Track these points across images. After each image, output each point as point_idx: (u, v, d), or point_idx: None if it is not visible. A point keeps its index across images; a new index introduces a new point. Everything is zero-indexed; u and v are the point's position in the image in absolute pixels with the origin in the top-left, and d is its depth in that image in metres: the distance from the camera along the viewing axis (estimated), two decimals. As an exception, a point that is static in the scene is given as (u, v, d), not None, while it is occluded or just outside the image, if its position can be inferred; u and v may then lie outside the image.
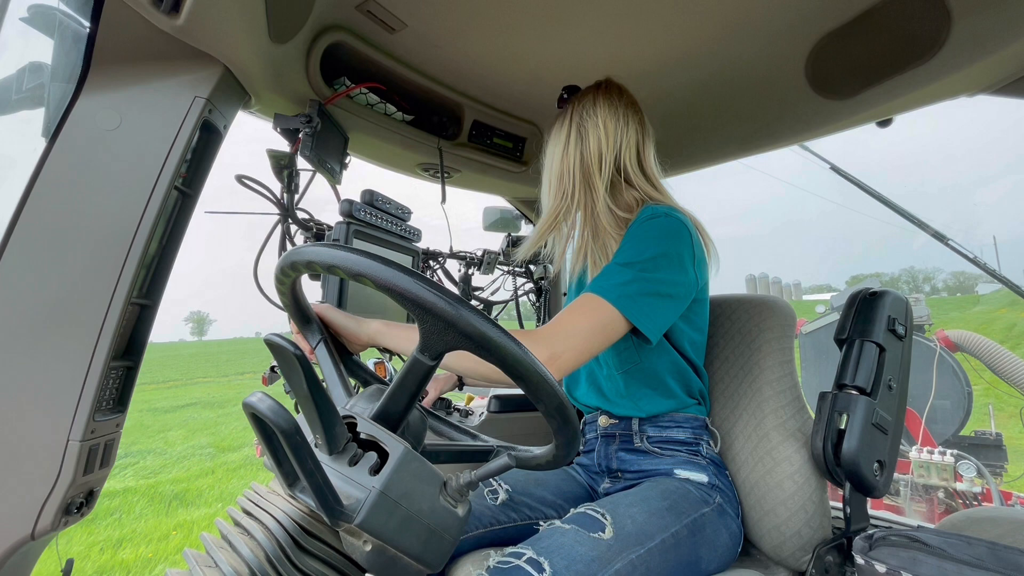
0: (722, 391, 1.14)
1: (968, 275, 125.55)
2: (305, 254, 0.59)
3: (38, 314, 0.67)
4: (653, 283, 0.88)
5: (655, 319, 0.88)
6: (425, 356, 0.56)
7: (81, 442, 0.66)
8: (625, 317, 0.85)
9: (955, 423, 3.80)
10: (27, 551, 0.67)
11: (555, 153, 1.05)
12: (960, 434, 3.79)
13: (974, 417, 3.96)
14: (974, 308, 28.05)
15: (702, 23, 1.11)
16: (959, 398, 3.81)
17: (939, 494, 3.13)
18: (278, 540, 0.78)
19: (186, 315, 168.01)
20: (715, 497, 0.97)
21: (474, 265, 1.68)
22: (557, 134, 1.06)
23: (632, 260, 0.90)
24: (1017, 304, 23.62)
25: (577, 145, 1.02)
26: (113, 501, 5.56)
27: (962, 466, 3.03)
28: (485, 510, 0.99)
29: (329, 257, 0.56)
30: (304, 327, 0.79)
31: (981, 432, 3.76)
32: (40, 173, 0.69)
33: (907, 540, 0.78)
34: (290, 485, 0.56)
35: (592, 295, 0.87)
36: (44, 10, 0.72)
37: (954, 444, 3.45)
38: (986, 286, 34.37)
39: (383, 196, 1.26)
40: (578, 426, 0.56)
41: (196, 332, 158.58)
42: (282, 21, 0.88)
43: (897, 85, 1.07)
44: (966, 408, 3.81)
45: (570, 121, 1.04)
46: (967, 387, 3.84)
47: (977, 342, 3.81)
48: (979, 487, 2.99)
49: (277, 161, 1.09)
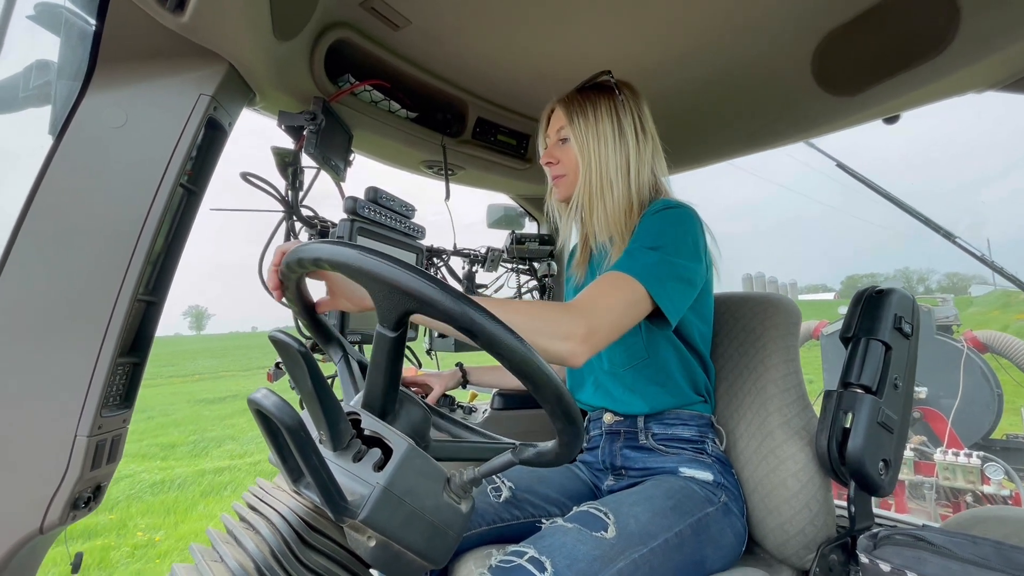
0: (726, 389, 1.13)
1: (961, 276, 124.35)
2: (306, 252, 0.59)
3: (45, 310, 0.68)
4: (676, 267, 0.89)
5: (676, 301, 0.89)
6: (385, 327, 0.55)
7: (89, 437, 0.67)
8: (651, 296, 0.86)
9: (985, 426, 3.69)
10: (36, 545, 0.68)
11: (599, 139, 1.03)
12: (990, 437, 3.70)
13: (1006, 419, 3.84)
14: (968, 309, 28.46)
15: (707, 19, 1.10)
16: (988, 400, 3.69)
17: (967, 498, 3.03)
18: (283, 535, 0.78)
19: (184, 309, 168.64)
20: (720, 496, 0.96)
21: (478, 262, 1.68)
22: (604, 120, 1.03)
23: (656, 244, 0.91)
24: (1009, 307, 24.42)
25: (618, 139, 1.02)
26: (223, 476, 5.82)
27: (989, 468, 2.96)
28: (488, 507, 0.99)
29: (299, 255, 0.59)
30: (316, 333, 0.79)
31: (1013, 436, 3.67)
32: (47, 170, 0.70)
33: (912, 539, 0.78)
34: (295, 481, 0.56)
35: (620, 273, 0.88)
36: (50, 8, 0.73)
37: (984, 447, 3.36)
38: (979, 288, 34.25)
39: (387, 193, 1.26)
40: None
41: (195, 326, 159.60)
42: (286, 18, 0.88)
43: (905, 81, 1.06)
44: (996, 411, 3.69)
45: (618, 115, 1.03)
46: (997, 389, 3.72)
47: (1007, 342, 3.70)
48: (1008, 490, 2.91)
49: (282, 158, 1.09)
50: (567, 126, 1.05)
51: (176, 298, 15.14)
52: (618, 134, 1.02)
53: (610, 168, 1.01)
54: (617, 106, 1.03)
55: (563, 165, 1.08)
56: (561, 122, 1.07)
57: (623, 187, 1.02)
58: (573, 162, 1.05)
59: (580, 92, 1.07)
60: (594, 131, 1.02)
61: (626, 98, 1.05)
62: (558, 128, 1.08)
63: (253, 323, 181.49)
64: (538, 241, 1.73)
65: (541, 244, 1.73)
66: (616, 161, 1.02)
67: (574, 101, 1.05)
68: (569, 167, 1.07)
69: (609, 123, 1.02)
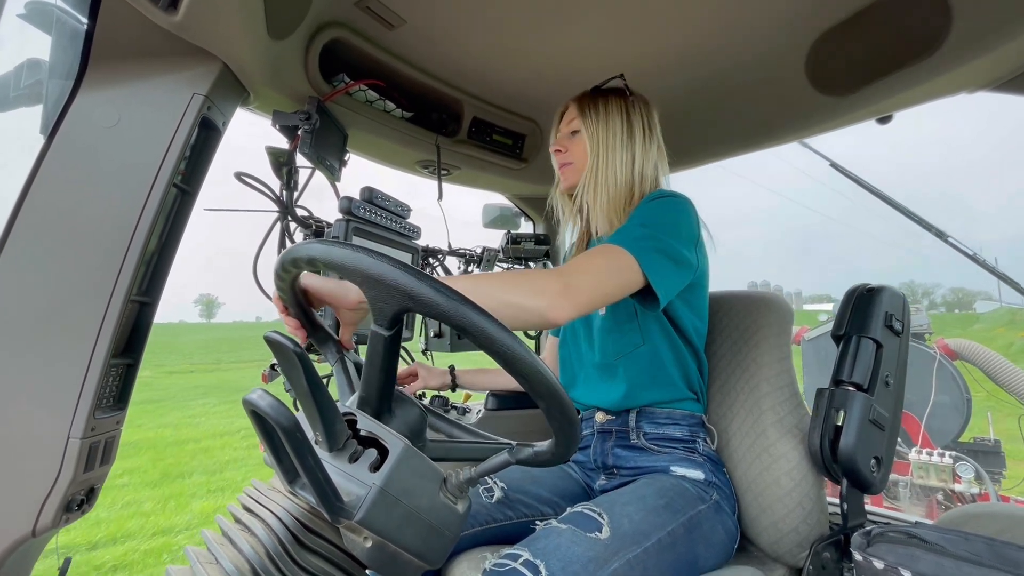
0: (719, 387, 1.14)
1: (966, 292, 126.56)
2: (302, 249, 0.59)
3: (38, 312, 0.67)
4: (667, 244, 0.90)
5: (666, 278, 0.89)
6: (380, 327, 0.55)
7: (82, 440, 0.66)
8: (641, 268, 0.86)
9: (955, 429, 3.84)
10: (28, 548, 0.67)
11: (608, 131, 1.06)
12: (959, 440, 3.82)
13: (973, 422, 3.98)
14: (974, 326, 29.20)
15: (702, 20, 1.10)
16: (958, 404, 3.85)
17: (938, 496, 3.14)
18: (279, 537, 0.78)
19: (195, 297, 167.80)
20: (712, 494, 0.97)
21: (474, 262, 1.68)
22: (615, 116, 1.06)
23: (647, 223, 0.92)
24: (1014, 324, 24.65)
25: (627, 134, 1.06)
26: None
27: (960, 467, 3.05)
28: (481, 508, 0.99)
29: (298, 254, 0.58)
30: (313, 334, 0.78)
31: (980, 439, 3.80)
32: (38, 170, 0.69)
33: (905, 536, 0.79)
34: (290, 482, 0.56)
35: (609, 244, 0.89)
36: (42, 7, 0.72)
37: (953, 449, 3.49)
38: (984, 304, 34.68)
39: (382, 193, 1.25)
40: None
41: (205, 315, 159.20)
42: (280, 17, 0.88)
43: (897, 81, 1.06)
44: (965, 414, 3.84)
45: (629, 115, 1.07)
46: (966, 394, 3.87)
47: (976, 351, 3.84)
48: (977, 488, 3.00)
49: (276, 158, 1.09)
50: (579, 119, 1.09)
51: (183, 287, 14.42)
52: (627, 131, 1.06)
53: (616, 160, 1.05)
54: (628, 107, 1.08)
55: (571, 154, 1.11)
56: (572, 116, 1.11)
57: (626, 179, 1.05)
58: (581, 152, 1.09)
59: (594, 91, 1.11)
60: (604, 124, 1.06)
61: (637, 100, 1.09)
62: (569, 121, 1.11)
63: (257, 313, 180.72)
64: (534, 241, 1.73)
65: (537, 244, 1.73)
66: (623, 155, 1.05)
67: (587, 98, 1.10)
68: (577, 156, 1.10)
69: (619, 120, 1.06)
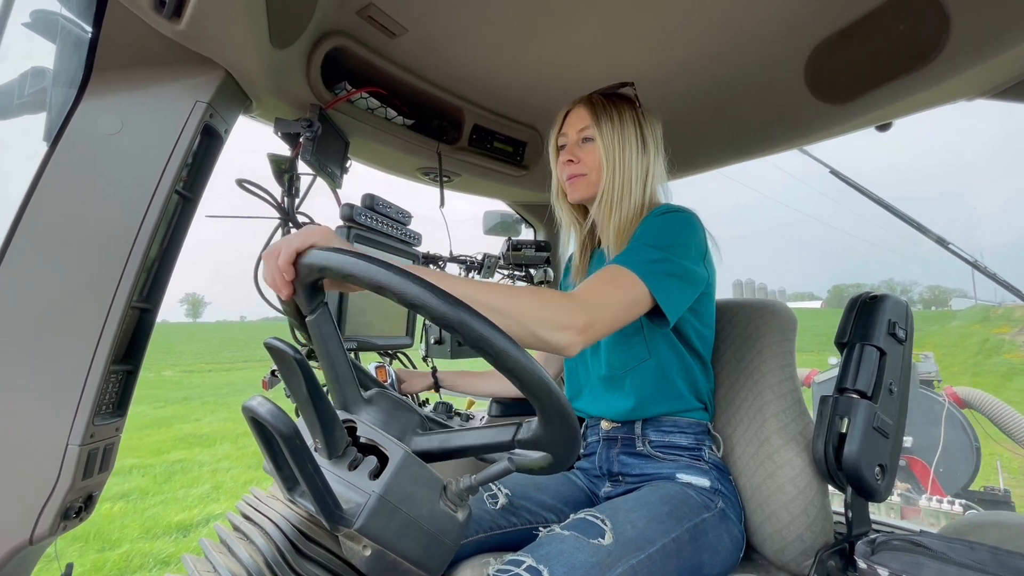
0: (723, 395, 1.13)
1: (942, 289, 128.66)
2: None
3: (38, 318, 0.67)
4: (677, 266, 0.90)
5: (675, 300, 0.89)
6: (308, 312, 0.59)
7: (80, 446, 0.66)
8: (651, 293, 0.86)
9: (965, 477, 3.84)
10: (25, 556, 0.67)
11: (624, 143, 1.04)
12: (970, 488, 3.83)
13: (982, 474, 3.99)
14: (952, 323, 30.12)
15: (701, 28, 1.11)
16: (967, 452, 3.85)
17: None
18: (277, 545, 0.77)
19: (181, 296, 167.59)
20: (717, 502, 0.96)
21: (474, 269, 1.68)
22: (630, 127, 1.04)
23: (658, 243, 0.92)
24: (987, 321, 26.40)
25: (641, 149, 1.05)
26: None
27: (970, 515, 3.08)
28: (484, 514, 0.99)
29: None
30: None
31: (990, 488, 3.82)
32: (42, 177, 0.69)
33: (910, 544, 0.78)
34: (290, 490, 0.56)
35: (621, 268, 0.88)
36: (46, 15, 0.73)
37: (963, 497, 3.49)
38: (959, 301, 35.48)
39: (383, 200, 1.26)
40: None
41: (191, 314, 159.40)
42: (283, 26, 0.88)
43: (896, 89, 1.07)
44: (975, 463, 3.84)
45: (642, 127, 1.06)
46: (975, 442, 3.87)
47: (984, 400, 3.83)
48: None
49: (278, 165, 1.09)
50: (592, 126, 1.04)
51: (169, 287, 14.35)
52: (641, 144, 1.04)
53: (632, 176, 1.02)
54: (640, 117, 1.06)
55: (584, 164, 1.06)
56: (584, 122, 1.05)
57: (639, 194, 1.03)
58: (596, 163, 1.05)
59: (605, 96, 1.07)
60: (620, 136, 1.03)
61: (646, 110, 1.08)
62: (580, 128, 1.06)
63: (241, 312, 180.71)
64: (534, 247, 1.73)
65: (537, 251, 1.73)
66: (637, 169, 1.03)
67: (600, 103, 1.05)
68: (591, 167, 1.05)
69: (634, 131, 1.04)
